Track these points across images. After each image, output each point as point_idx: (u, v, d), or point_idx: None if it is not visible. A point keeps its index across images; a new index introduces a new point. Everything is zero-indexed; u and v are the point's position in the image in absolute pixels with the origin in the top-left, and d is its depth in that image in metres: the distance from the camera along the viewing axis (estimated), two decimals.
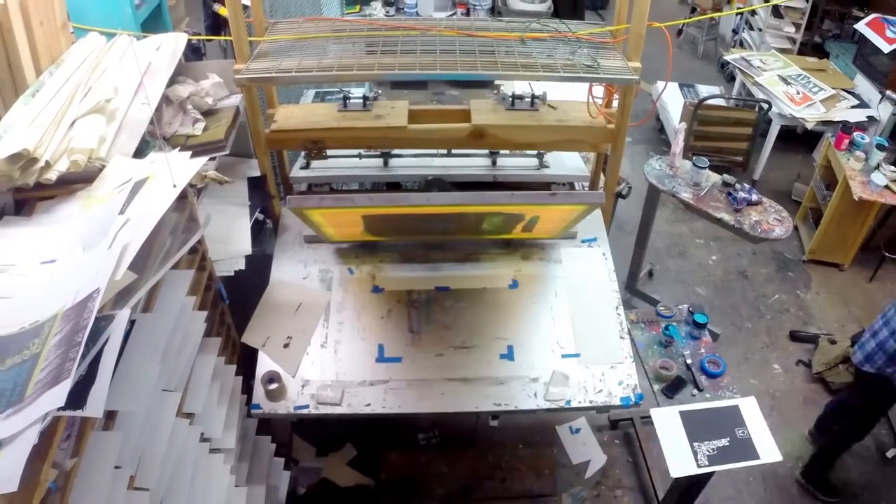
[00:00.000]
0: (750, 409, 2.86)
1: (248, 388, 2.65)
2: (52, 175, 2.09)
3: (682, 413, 2.82)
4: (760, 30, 6.91)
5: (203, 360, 2.30)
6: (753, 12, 7.09)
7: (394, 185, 3.36)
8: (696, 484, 3.08)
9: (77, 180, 2.16)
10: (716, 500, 3.51)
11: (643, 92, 5.22)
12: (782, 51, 6.41)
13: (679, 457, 2.71)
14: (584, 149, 3.27)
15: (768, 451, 2.74)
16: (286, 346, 2.72)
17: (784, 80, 5.67)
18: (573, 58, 2.82)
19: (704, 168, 3.86)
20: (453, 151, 3.28)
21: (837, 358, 4.13)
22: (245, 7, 2.85)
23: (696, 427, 2.79)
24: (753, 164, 5.55)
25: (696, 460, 2.70)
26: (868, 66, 5.67)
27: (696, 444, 2.74)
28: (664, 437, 2.76)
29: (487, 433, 3.50)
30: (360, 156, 3.27)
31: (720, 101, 5.41)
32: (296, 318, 2.81)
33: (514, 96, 3.02)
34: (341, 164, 3.29)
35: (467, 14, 6.57)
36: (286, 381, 2.62)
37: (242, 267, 2.73)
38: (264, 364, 2.67)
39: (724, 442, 2.76)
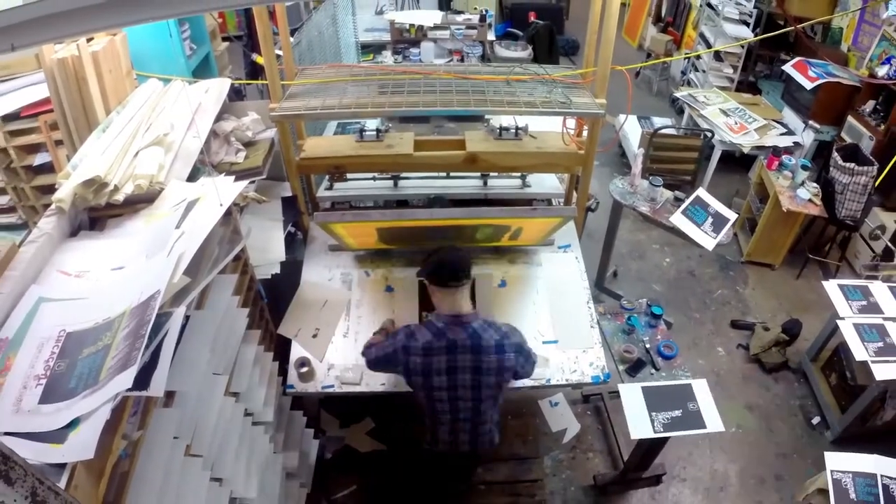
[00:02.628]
0: (701, 388, 2.86)
1: (283, 371, 2.65)
2: (119, 196, 2.10)
3: (643, 388, 2.83)
4: (704, 71, 6.93)
5: (246, 348, 2.30)
6: (699, 57, 7.11)
7: (402, 202, 3.36)
8: (654, 447, 3.08)
9: (140, 200, 2.18)
10: (672, 458, 3.51)
11: (608, 123, 5.22)
12: (722, 88, 6.41)
13: (639, 423, 2.72)
14: (559, 171, 3.28)
15: (713, 422, 2.74)
16: (314, 336, 2.73)
17: (724, 112, 5.68)
18: (550, 96, 2.84)
19: (659, 186, 3.87)
20: (451, 174, 3.29)
21: (770, 342, 4.13)
22: (278, 56, 2.86)
23: (655, 400, 2.79)
24: (699, 182, 5.54)
25: (654, 426, 2.71)
26: (794, 101, 5.69)
27: (653, 414, 2.74)
28: (628, 406, 2.77)
29: None
30: (374, 178, 3.28)
31: (671, 131, 5.41)
32: (322, 313, 2.81)
33: (501, 128, 3.03)
34: (359, 185, 3.29)
35: (462, 60, 6.57)
36: (315, 365, 2.62)
37: (278, 271, 2.74)
38: (297, 351, 2.67)
39: (677, 413, 2.76)
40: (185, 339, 1.81)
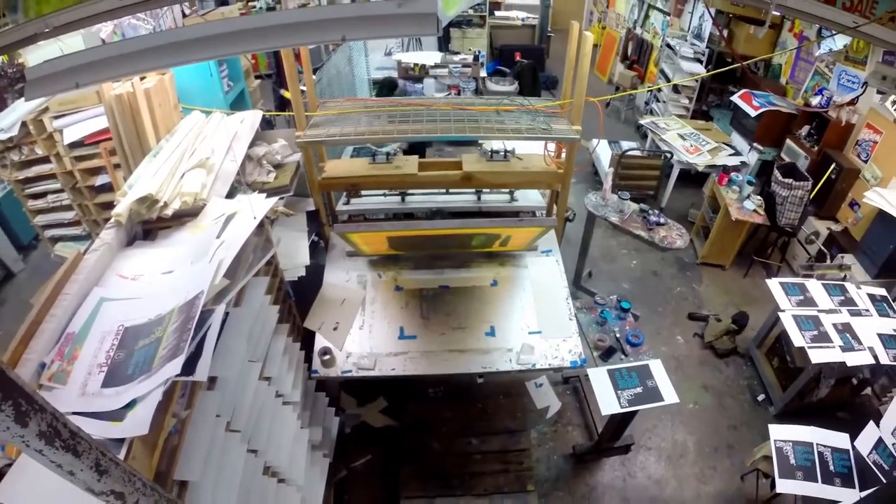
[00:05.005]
0: (657, 367, 2.87)
1: (308, 359, 2.64)
2: (168, 211, 2.11)
3: (608, 371, 2.84)
4: (664, 102, 6.95)
5: (277, 339, 2.30)
6: (659, 89, 7.14)
7: (409, 215, 3.37)
8: (623, 421, 3.08)
9: (186, 215, 2.18)
10: (640, 430, 3.50)
11: (583, 147, 5.24)
12: (680, 116, 6.43)
13: (608, 400, 2.74)
14: (541, 187, 3.29)
15: (669, 395, 2.76)
16: (335, 328, 2.72)
17: (681, 136, 5.70)
18: (533, 123, 2.85)
19: (627, 199, 3.88)
20: (450, 190, 3.29)
21: (722, 331, 4.13)
22: (303, 91, 2.87)
23: (619, 380, 2.81)
24: (661, 196, 5.56)
25: (620, 403, 2.72)
26: (740, 126, 5.70)
27: (618, 392, 2.75)
28: (597, 387, 2.78)
29: (477, 388, 3.49)
30: (384, 194, 3.28)
31: (637, 152, 5.42)
32: (341, 309, 2.81)
33: (492, 151, 3.04)
34: (372, 200, 3.30)
35: (458, 94, 6.58)
36: (335, 353, 2.62)
37: (303, 273, 2.74)
38: (320, 341, 2.67)
39: (638, 390, 2.77)
40: (225, 332, 1.81)
